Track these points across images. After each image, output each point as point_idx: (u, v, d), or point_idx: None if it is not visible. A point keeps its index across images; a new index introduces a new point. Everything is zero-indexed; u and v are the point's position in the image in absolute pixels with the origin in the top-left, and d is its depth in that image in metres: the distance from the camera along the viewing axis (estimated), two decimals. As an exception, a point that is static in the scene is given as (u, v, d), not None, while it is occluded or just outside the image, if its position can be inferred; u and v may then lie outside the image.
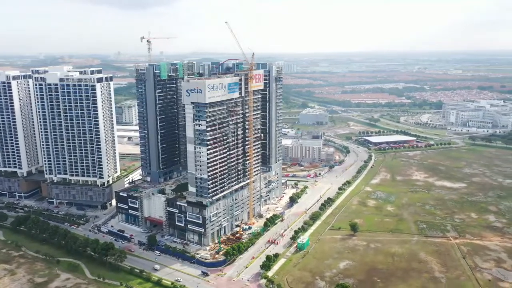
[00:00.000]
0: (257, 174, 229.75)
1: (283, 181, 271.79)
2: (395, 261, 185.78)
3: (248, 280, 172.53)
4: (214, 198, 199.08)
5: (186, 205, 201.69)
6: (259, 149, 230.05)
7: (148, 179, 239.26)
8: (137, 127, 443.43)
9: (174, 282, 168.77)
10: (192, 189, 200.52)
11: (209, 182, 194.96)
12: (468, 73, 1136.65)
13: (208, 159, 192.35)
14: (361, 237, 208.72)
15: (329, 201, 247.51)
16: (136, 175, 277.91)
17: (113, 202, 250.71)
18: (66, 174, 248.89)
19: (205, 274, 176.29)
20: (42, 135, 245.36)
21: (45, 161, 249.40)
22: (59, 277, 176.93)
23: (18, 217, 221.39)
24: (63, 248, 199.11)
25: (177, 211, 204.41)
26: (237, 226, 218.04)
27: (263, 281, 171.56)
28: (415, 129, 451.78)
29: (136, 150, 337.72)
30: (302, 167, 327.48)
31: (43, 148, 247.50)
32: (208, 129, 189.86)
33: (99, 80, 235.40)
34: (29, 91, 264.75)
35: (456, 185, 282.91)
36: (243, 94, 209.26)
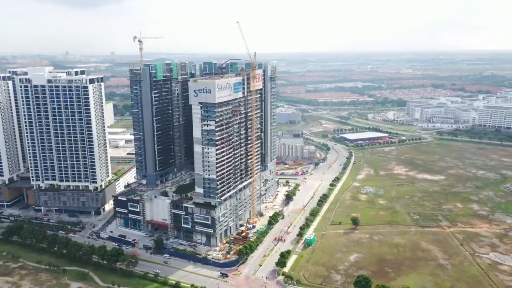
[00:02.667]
0: (257, 173, 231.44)
1: (275, 179, 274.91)
2: (400, 252, 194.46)
3: (266, 278, 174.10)
4: (222, 198, 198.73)
5: (193, 206, 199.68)
6: (259, 148, 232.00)
7: (144, 182, 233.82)
8: (112, 130, 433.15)
9: (193, 284, 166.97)
10: (199, 190, 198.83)
11: (218, 183, 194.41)
12: (418, 72, 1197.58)
13: (217, 159, 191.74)
14: (362, 230, 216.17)
15: (324, 197, 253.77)
16: (127, 179, 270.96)
17: (106, 207, 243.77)
18: (54, 179, 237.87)
19: (224, 275, 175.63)
20: (28, 139, 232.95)
21: (31, 166, 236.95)
22: (69, 286, 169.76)
23: (10, 227, 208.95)
24: (65, 256, 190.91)
25: (184, 213, 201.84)
26: (241, 225, 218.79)
27: (281, 277, 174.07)
28: (385, 126, 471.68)
29: (117, 153, 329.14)
30: (287, 165, 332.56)
31: (29, 153, 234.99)
32: (217, 129, 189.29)
33: (91, 81, 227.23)
34: (9, 93, 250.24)
35: (436, 178, 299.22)
36: (245, 94, 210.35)
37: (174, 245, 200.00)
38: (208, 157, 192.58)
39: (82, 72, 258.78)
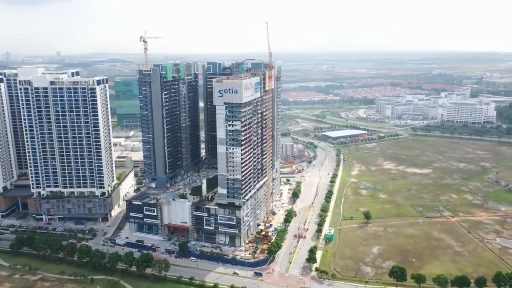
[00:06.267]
0: (269, 172, 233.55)
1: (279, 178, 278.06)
2: (417, 242, 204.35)
3: (301, 274, 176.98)
4: (245, 198, 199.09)
5: (217, 207, 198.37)
6: (271, 148, 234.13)
7: (153, 185, 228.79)
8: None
9: (233, 285, 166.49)
10: (222, 190, 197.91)
11: (242, 183, 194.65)
12: (372, 72, 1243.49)
13: (241, 159, 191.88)
14: (375, 223, 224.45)
15: (329, 194, 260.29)
16: (126, 183, 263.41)
17: (112, 212, 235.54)
18: (57, 186, 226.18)
19: (258, 274, 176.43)
20: (28, 145, 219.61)
21: (31, 173, 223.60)
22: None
23: (19, 238, 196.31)
24: (86, 265, 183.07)
25: (206, 215, 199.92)
26: (258, 224, 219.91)
27: (314, 273, 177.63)
28: (360, 123, 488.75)
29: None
30: (280, 164, 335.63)
31: (30, 159, 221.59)
32: (242, 129, 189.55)
33: (98, 82, 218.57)
34: (1, 96, 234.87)
35: (424, 171, 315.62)
36: (261, 94, 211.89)
37: (198, 248, 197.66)
38: (233, 158, 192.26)
39: (77, 73, 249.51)
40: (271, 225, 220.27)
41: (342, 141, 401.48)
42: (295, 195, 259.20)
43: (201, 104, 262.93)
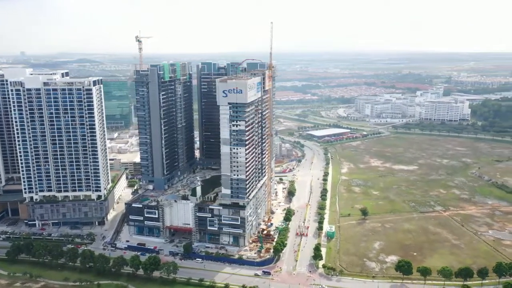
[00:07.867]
0: (269, 171, 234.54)
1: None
2: (415, 236, 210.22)
3: (310, 272, 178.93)
4: (249, 198, 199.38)
5: (221, 208, 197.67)
6: (269, 147, 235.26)
7: (151, 187, 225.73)
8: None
9: (244, 285, 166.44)
10: (226, 191, 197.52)
11: (246, 182, 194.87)
12: (345, 71, 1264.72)
13: (246, 159, 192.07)
14: (372, 220, 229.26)
15: (324, 192, 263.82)
16: (121, 185, 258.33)
17: (108, 216, 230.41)
18: (50, 190, 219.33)
19: (267, 273, 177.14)
20: (20, 148, 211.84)
21: (23, 177, 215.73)
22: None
23: (16, 245, 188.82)
24: (89, 271, 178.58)
25: (210, 215, 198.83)
26: (259, 224, 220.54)
27: (321, 270, 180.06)
28: (342, 122, 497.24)
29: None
30: (274, 164, 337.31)
31: (22, 163, 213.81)
32: (246, 129, 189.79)
33: (94, 83, 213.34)
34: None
35: (411, 168, 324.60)
36: (261, 93, 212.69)
37: (201, 249, 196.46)
38: (237, 158, 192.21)
39: (67, 74, 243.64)
40: (272, 224, 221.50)
41: (327, 140, 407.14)
42: (291, 193, 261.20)
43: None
